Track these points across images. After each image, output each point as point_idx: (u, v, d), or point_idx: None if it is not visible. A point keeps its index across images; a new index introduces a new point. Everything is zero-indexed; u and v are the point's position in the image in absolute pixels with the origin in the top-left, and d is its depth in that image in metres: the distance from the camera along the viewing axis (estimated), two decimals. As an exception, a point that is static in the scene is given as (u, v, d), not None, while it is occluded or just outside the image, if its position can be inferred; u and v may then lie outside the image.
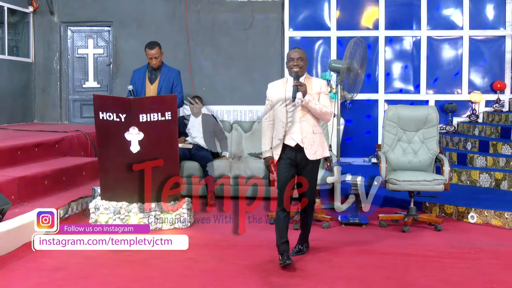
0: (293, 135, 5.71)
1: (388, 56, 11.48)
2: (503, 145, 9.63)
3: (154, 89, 7.95)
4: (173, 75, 8.06)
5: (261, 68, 11.50)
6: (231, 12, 11.57)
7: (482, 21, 11.36)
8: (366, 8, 11.49)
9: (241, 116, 11.19)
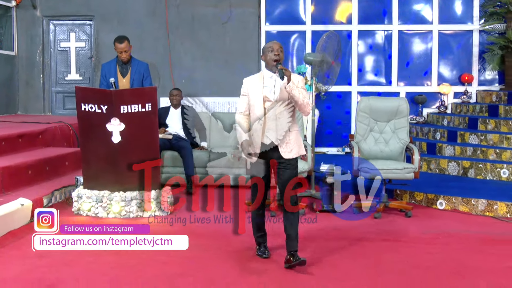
0: (268, 133, 5.36)
1: (361, 49, 11.52)
2: (470, 135, 9.72)
3: (126, 82, 7.90)
4: (143, 68, 8.01)
5: (239, 61, 11.48)
6: (210, 7, 11.54)
7: (451, 16, 11.42)
8: (340, 3, 11.51)
9: (219, 108, 11.19)
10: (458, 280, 5.09)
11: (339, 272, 5.24)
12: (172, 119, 9.33)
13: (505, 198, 7.44)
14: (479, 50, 11.35)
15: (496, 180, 8.64)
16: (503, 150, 8.99)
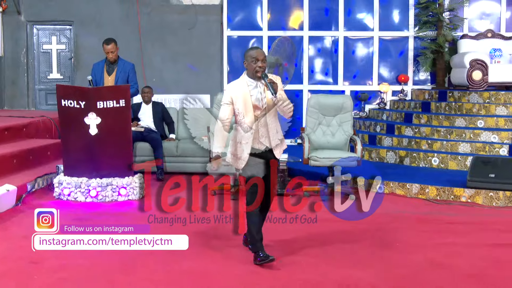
0: (262, 139, 4.95)
1: (311, 53, 11.56)
2: (406, 128, 9.83)
3: (112, 79, 7.86)
4: (128, 68, 7.98)
5: (203, 62, 11.46)
6: (177, 14, 11.48)
7: (389, 24, 11.52)
8: (293, 11, 11.53)
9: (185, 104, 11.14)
10: (396, 254, 5.17)
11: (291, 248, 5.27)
12: (144, 113, 9.30)
13: (435, 182, 7.56)
14: (413, 54, 11.47)
15: (427, 167, 8.76)
16: (434, 141, 9.12)
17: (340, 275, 4.62)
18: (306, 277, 4.59)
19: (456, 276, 4.65)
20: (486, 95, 9.85)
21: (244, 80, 4.94)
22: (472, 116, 9.44)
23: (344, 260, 4.98)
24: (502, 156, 8.22)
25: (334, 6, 11.46)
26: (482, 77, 10.06)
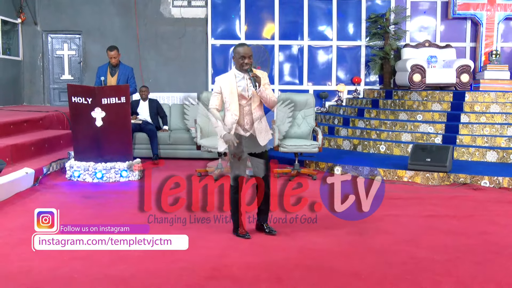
0: (247, 126, 4.71)
1: (281, 58, 11.57)
2: (359, 121, 9.91)
3: (114, 80, 7.85)
4: (128, 71, 7.99)
5: (191, 66, 11.44)
6: (169, 26, 11.41)
7: (345, 35, 11.57)
8: (266, 24, 11.51)
9: (176, 101, 11.11)
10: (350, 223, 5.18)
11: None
12: (142, 108, 9.24)
13: (382, 166, 7.63)
14: (365, 60, 11.54)
15: (376, 153, 8.83)
16: (381, 132, 9.20)
17: (303, 241, 4.66)
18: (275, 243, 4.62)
19: (398, 240, 4.72)
20: (424, 94, 9.95)
21: (233, 72, 4.74)
22: (412, 111, 9.54)
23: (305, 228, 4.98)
24: (437, 144, 8.33)
25: (300, 19, 11.48)
26: (421, 79, 10.16)
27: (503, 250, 4.48)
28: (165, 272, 3.90)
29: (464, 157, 8.18)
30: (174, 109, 9.80)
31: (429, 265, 4.11)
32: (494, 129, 8.68)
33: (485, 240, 4.78)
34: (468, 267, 4.08)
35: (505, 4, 11.06)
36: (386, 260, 4.22)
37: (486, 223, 5.36)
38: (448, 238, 4.82)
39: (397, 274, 3.93)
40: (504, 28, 11.34)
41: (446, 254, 4.36)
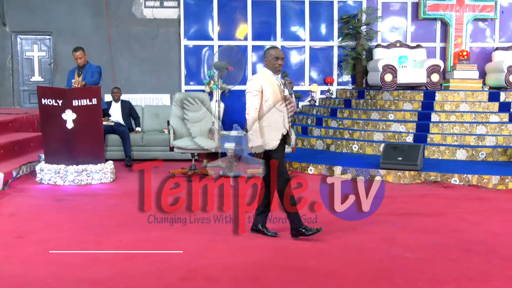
0: (287, 125, 4.66)
1: (254, 59, 11.56)
2: (332, 121, 9.96)
3: (80, 79, 7.73)
4: (93, 68, 7.85)
5: (164, 67, 11.32)
6: (142, 26, 11.29)
7: (318, 35, 11.62)
8: (239, 25, 11.48)
9: (149, 102, 10.99)
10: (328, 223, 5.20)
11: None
12: (114, 110, 9.16)
13: (355, 165, 7.66)
14: (338, 60, 11.58)
15: (349, 152, 8.89)
16: (354, 131, 9.27)
17: (280, 240, 4.65)
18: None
19: (373, 239, 4.74)
20: (396, 93, 10.05)
21: (267, 72, 4.66)
22: (384, 110, 9.63)
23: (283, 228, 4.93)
24: (408, 143, 8.42)
25: (272, 20, 11.48)
26: (392, 79, 10.27)
27: (474, 247, 4.54)
28: (141, 274, 3.84)
29: (435, 156, 8.29)
30: (147, 111, 9.72)
31: (404, 263, 4.15)
32: (463, 127, 8.81)
33: (457, 237, 4.84)
34: (442, 264, 4.12)
35: (473, 5, 11.24)
36: (362, 259, 4.24)
37: (457, 220, 5.43)
38: (421, 236, 4.86)
39: (373, 272, 3.94)
40: (472, 28, 11.53)
41: (421, 252, 4.40)
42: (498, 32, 11.63)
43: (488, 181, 7.01)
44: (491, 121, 9.02)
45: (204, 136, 7.84)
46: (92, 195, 6.48)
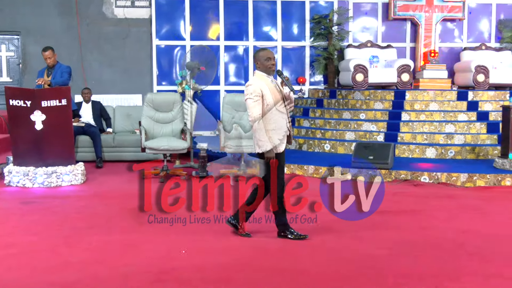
0: (288, 125, 4.63)
1: (226, 59, 11.55)
2: (304, 120, 10.01)
3: (48, 78, 7.64)
4: (63, 68, 7.78)
5: (135, 67, 11.23)
6: (113, 26, 11.18)
7: (290, 35, 11.66)
8: (211, 25, 11.46)
9: (120, 102, 10.89)
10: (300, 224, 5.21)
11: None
12: (84, 111, 9.07)
13: (326, 164, 7.73)
14: (310, 60, 11.64)
15: (321, 152, 8.95)
16: (326, 131, 9.33)
17: (252, 241, 4.66)
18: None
19: (344, 237, 4.79)
20: (367, 93, 10.16)
21: (262, 75, 4.59)
22: (356, 110, 9.72)
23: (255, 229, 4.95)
24: (379, 142, 8.52)
25: (244, 20, 11.49)
26: (364, 79, 10.37)
27: (443, 244, 4.62)
28: (111, 277, 3.82)
29: (405, 154, 8.41)
30: (118, 111, 9.63)
31: (373, 260, 4.20)
32: (433, 126, 8.95)
33: (426, 234, 4.92)
34: (410, 260, 4.19)
35: (442, 5, 11.43)
36: (332, 257, 4.28)
37: (426, 218, 5.52)
38: (391, 233, 4.93)
39: (343, 270, 3.99)
40: (441, 28, 11.72)
41: (390, 249, 4.46)
42: (466, 33, 11.85)
43: (457, 178, 7.14)
44: (459, 120, 9.18)
45: (176, 136, 7.81)
46: (62, 197, 6.40)
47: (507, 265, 4.08)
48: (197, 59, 8.45)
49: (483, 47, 11.46)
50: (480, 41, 11.75)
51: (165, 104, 7.96)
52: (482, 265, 4.09)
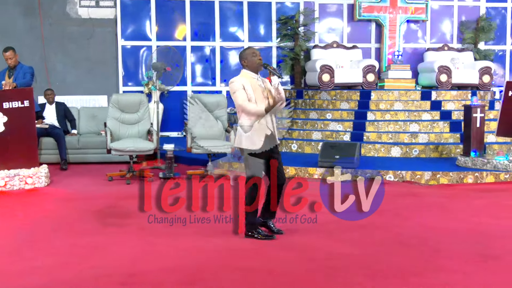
0: (269, 125, 4.60)
1: (193, 60, 11.52)
2: (271, 121, 10.04)
3: (11, 81, 7.49)
4: (25, 68, 7.67)
5: (100, 68, 11.10)
6: (77, 26, 11.02)
7: (257, 36, 11.70)
8: (178, 25, 11.42)
9: (85, 103, 10.74)
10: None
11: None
12: (48, 112, 8.93)
13: (294, 164, 7.76)
14: (276, 61, 11.71)
15: (288, 151, 9.00)
16: (293, 131, 9.38)
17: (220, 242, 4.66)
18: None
19: (314, 237, 4.82)
20: (333, 93, 10.27)
21: (247, 73, 4.64)
22: (322, 110, 9.81)
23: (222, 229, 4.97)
24: (345, 141, 8.62)
25: (211, 21, 11.47)
26: (330, 79, 10.47)
27: (408, 241, 4.71)
28: (79, 280, 3.75)
29: (371, 153, 8.53)
30: (83, 112, 9.49)
31: (344, 259, 4.24)
32: (397, 125, 9.11)
33: (392, 232, 5.01)
34: (377, 258, 4.25)
35: (406, 7, 11.63)
36: (303, 257, 4.30)
37: (392, 216, 5.61)
38: (359, 232, 5.00)
39: (314, 270, 4.02)
40: (405, 29, 11.93)
41: (359, 248, 4.52)
42: (429, 34, 12.10)
43: (421, 177, 7.28)
44: (423, 119, 9.37)
45: (142, 137, 7.75)
46: (25, 200, 6.27)
47: (468, 261, 4.19)
48: (163, 60, 8.39)
49: (446, 47, 11.71)
50: (442, 42, 12.01)
51: (131, 105, 7.89)
52: (446, 261, 4.18)
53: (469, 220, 5.50)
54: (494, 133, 8.33)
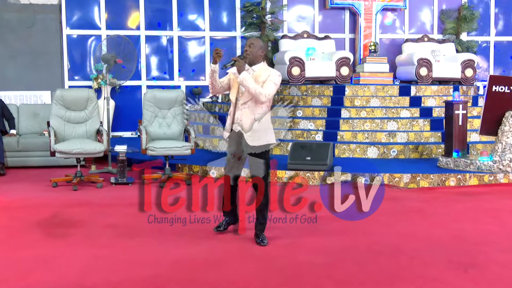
0: (238, 121, 4.96)
1: (148, 51, 11.51)
2: (236, 119, 10.08)
3: None
4: None
5: (43, 60, 11.00)
6: (15, 12, 10.90)
7: (219, 25, 11.76)
8: (130, 12, 11.40)
9: (26, 100, 10.63)
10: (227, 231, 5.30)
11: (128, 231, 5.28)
12: (-17, 110, 8.81)
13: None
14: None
15: (255, 153, 9.06)
16: (260, 130, 9.44)
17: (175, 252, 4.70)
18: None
19: (277, 245, 4.89)
20: (304, 88, 10.40)
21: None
22: (292, 107, 9.90)
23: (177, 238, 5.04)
24: (317, 141, 8.74)
25: (168, 8, 11.49)
26: (300, 73, 10.60)
27: (383, 249, 4.84)
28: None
29: (346, 154, 8.68)
30: (23, 110, 9.39)
31: (310, 268, 4.34)
32: (374, 124, 9.29)
33: (367, 239, 5.13)
34: (349, 267, 4.36)
35: (382, -6, 11.87)
36: (265, 266, 4.38)
37: (367, 222, 5.73)
38: (329, 239, 5.10)
39: (277, 280, 4.10)
40: (382, 19, 12.16)
41: (328, 256, 4.62)
42: (408, 23, 12.35)
43: (400, 179, 7.45)
44: (402, 116, 9.58)
45: (91, 138, 7.72)
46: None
47: (447, 269, 4.33)
48: (114, 51, 8.38)
49: (426, 38, 11.98)
50: (422, 32, 12.28)
51: (77, 101, 7.84)
52: (423, 269, 4.32)
53: (450, 225, 5.67)
54: (477, 132, 8.56)
